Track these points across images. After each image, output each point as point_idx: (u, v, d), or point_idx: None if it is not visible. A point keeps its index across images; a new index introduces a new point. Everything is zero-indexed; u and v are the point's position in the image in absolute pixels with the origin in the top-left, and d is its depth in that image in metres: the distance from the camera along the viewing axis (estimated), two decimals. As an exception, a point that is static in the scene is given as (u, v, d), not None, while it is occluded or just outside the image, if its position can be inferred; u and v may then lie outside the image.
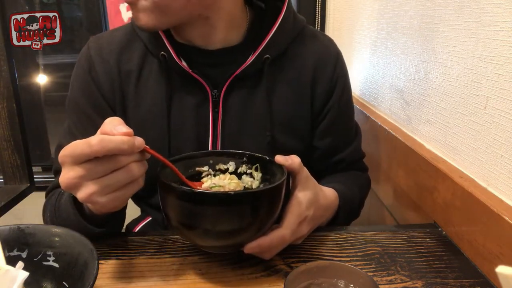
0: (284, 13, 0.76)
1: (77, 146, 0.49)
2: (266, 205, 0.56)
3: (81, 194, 0.51)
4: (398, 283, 0.58)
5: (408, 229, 0.73)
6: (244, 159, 0.66)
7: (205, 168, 0.65)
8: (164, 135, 0.75)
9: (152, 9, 0.66)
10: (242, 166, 0.66)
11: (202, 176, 0.65)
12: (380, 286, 0.56)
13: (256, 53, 0.74)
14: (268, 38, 0.75)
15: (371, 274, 0.59)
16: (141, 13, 0.67)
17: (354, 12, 1.38)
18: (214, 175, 0.65)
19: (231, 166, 0.66)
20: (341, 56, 0.84)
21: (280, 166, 0.60)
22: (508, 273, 0.31)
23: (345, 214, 0.75)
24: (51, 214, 0.68)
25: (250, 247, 0.57)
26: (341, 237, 0.69)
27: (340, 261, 0.62)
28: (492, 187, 0.64)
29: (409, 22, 0.93)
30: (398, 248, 0.67)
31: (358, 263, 0.62)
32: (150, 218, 0.91)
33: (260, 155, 0.64)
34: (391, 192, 0.96)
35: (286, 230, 0.58)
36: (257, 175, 0.64)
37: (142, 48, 0.76)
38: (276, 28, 0.75)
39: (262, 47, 0.74)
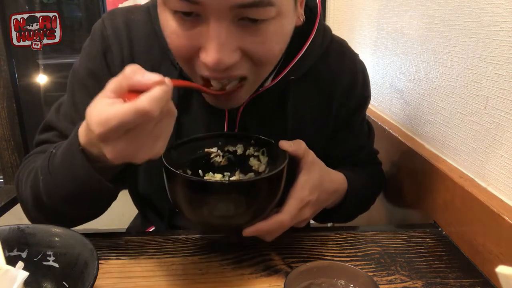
0: (315, 33, 0.69)
1: (124, 116, 0.40)
2: (262, 193, 0.56)
3: (140, 158, 0.45)
4: (398, 283, 0.58)
5: (408, 229, 0.73)
6: (252, 141, 0.66)
7: (214, 149, 0.65)
8: (172, 144, 0.71)
9: (258, 82, 0.61)
10: (250, 149, 0.66)
11: (211, 157, 0.65)
12: (380, 286, 0.56)
13: (281, 75, 0.68)
14: (296, 61, 0.68)
15: (371, 274, 0.59)
16: (242, 94, 0.60)
17: (354, 12, 1.38)
18: (223, 156, 0.66)
19: (240, 148, 0.66)
20: (366, 70, 0.79)
21: (285, 151, 0.60)
22: (508, 273, 0.31)
23: (352, 201, 0.73)
24: (35, 177, 0.59)
25: (249, 231, 0.57)
26: (341, 237, 0.69)
27: (340, 261, 0.62)
28: (492, 187, 0.64)
29: (409, 22, 0.93)
30: (398, 248, 0.67)
31: (358, 263, 0.62)
32: (153, 228, 0.90)
33: (266, 139, 0.64)
34: (391, 192, 0.96)
35: (285, 216, 0.58)
36: (264, 159, 0.65)
37: (160, 51, 0.69)
38: (305, 50, 0.68)
39: (289, 69, 0.68)
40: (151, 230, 0.88)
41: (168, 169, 0.54)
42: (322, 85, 0.73)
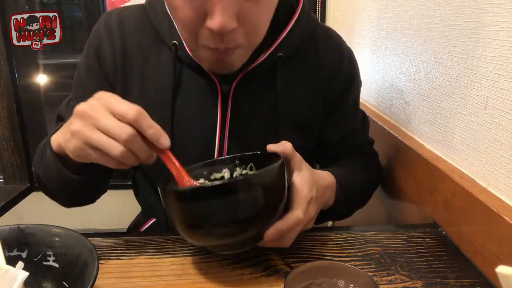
0: (299, 13, 0.76)
1: (118, 99, 0.52)
2: (271, 187, 0.54)
3: (74, 126, 0.52)
4: (398, 283, 0.58)
5: (408, 229, 0.73)
6: (237, 161, 0.65)
7: (201, 180, 0.63)
8: (167, 125, 0.72)
9: (250, 50, 0.65)
10: (236, 170, 0.65)
11: None
12: (380, 286, 0.56)
13: (269, 51, 0.73)
14: (282, 37, 0.74)
15: (371, 274, 0.59)
16: (238, 58, 0.65)
17: (354, 12, 1.38)
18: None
19: (226, 172, 0.65)
20: (353, 54, 0.84)
21: (274, 155, 0.59)
22: (508, 273, 0.31)
23: (344, 196, 0.73)
24: (37, 156, 0.72)
25: (270, 233, 0.55)
26: (341, 237, 0.69)
27: (340, 261, 0.62)
28: (492, 187, 0.64)
29: (409, 22, 0.93)
30: (398, 248, 0.67)
31: (358, 263, 0.62)
32: (154, 220, 0.90)
33: (251, 153, 0.64)
34: (391, 192, 0.96)
35: (298, 210, 0.58)
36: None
37: (153, 34, 0.75)
38: (291, 27, 0.74)
39: (276, 45, 0.73)
40: (151, 222, 0.89)
41: (164, 188, 0.54)
42: (308, 67, 0.77)
